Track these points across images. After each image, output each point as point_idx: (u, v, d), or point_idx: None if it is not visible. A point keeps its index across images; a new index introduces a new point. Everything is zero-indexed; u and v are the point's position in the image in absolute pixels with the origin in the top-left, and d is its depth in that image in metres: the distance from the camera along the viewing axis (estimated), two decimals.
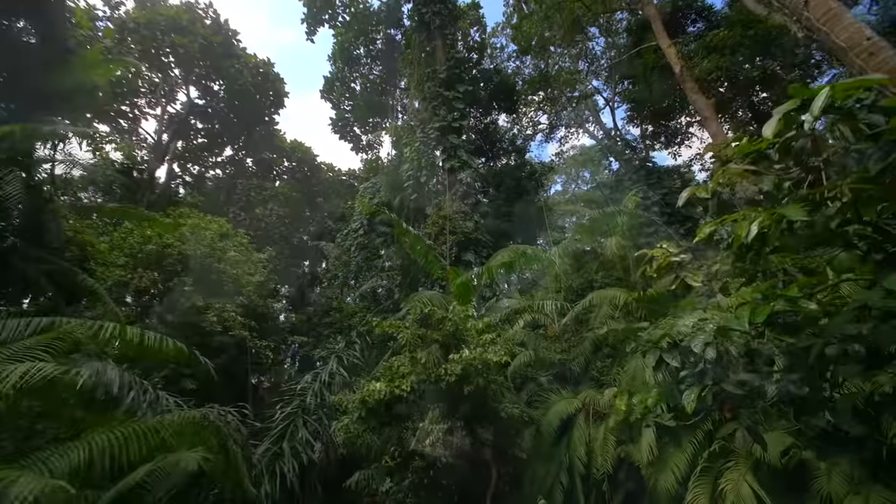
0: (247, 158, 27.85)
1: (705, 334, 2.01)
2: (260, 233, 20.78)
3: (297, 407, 8.77)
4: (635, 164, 15.70)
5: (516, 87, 25.58)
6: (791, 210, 1.85)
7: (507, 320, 8.73)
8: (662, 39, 12.76)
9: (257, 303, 14.70)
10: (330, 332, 16.01)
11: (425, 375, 5.38)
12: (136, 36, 20.39)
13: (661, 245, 3.32)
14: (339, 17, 24.29)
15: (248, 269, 14.74)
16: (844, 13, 3.81)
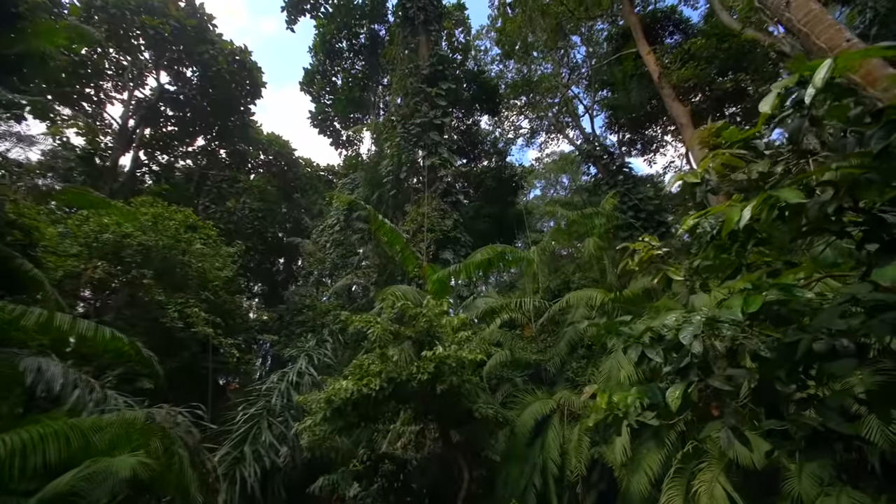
0: (220, 149, 26.74)
1: (693, 325, 1.86)
2: (231, 226, 19.90)
3: (262, 408, 8.30)
4: (612, 169, 15.95)
5: (499, 91, 25.68)
6: (787, 192, 1.72)
7: (484, 319, 8.58)
8: (642, 46, 13.01)
9: (224, 298, 14.03)
10: (302, 330, 15.46)
11: (396, 373, 5.12)
12: (103, 15, 19.24)
13: (642, 238, 3.20)
14: (321, 7, 23.72)
15: (216, 263, 14.04)
16: (825, 15, 3.83)
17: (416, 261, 8.44)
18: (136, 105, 23.48)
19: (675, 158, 24.67)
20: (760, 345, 2.16)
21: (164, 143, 25.35)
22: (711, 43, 16.07)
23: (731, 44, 15.74)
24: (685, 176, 2.38)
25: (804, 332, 2.10)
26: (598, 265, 9.12)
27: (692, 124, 11.28)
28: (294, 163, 27.49)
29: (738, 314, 1.70)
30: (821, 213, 1.88)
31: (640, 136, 21.80)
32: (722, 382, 1.88)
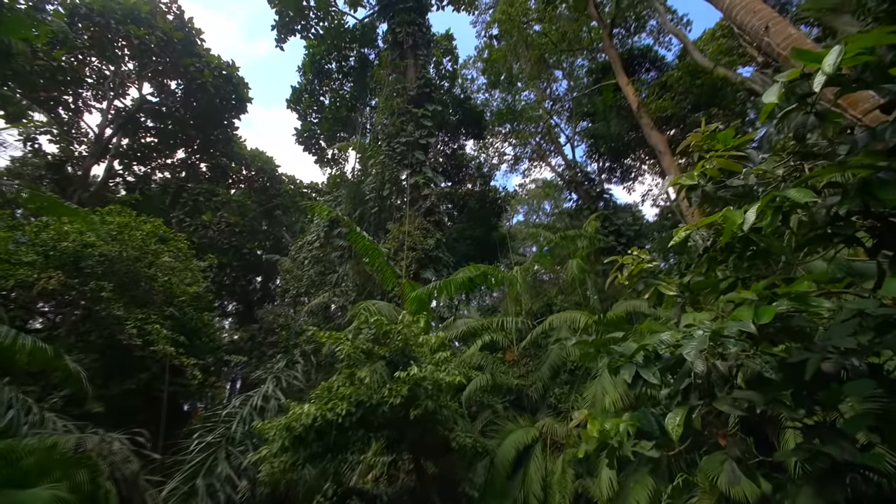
0: (200, 162, 26.18)
1: (697, 340, 1.64)
2: (206, 241, 19.17)
3: (221, 436, 7.59)
4: (594, 195, 16.20)
5: (484, 117, 26.27)
6: (796, 192, 1.56)
7: (465, 341, 8.23)
8: (621, 78, 13.51)
9: (191, 315, 13.23)
10: (274, 351, 14.68)
11: (366, 397, 4.69)
12: (86, 22, 18.94)
13: (632, 252, 3.03)
14: (311, 29, 24.03)
15: (184, 278, 13.32)
16: (804, 38, 3.90)
17: (394, 277, 8.12)
18: (115, 114, 22.91)
19: (652, 187, 25.44)
20: (764, 365, 1.95)
21: (142, 153, 24.66)
22: (686, 79, 16.92)
23: (703, 81, 16.59)
24: (680, 178, 2.21)
25: (809, 351, 1.91)
26: (580, 288, 8.99)
27: (670, 152, 11.60)
28: (277, 179, 27.09)
29: (751, 325, 1.49)
30: (829, 217, 1.72)
31: (619, 164, 22.48)
32: (730, 406, 1.64)
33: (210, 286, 15.55)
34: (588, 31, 21.63)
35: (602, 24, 16.75)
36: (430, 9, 23.19)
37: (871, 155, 1.58)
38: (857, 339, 1.85)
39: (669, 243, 2.72)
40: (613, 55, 15.08)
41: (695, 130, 2.33)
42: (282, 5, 22.92)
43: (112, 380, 12.00)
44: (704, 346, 1.61)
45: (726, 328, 1.63)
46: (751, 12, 4.55)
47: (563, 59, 23.53)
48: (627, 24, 22.62)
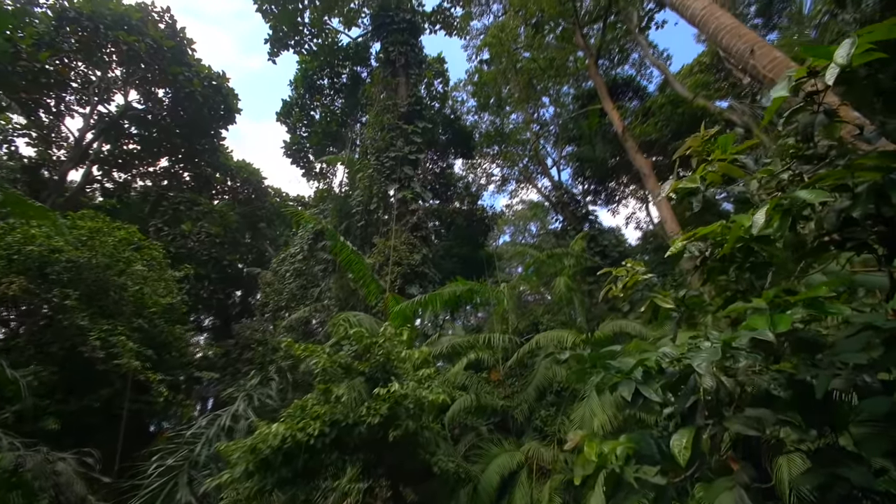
0: (184, 172, 25.67)
1: (708, 351, 1.48)
2: (183, 251, 18.53)
3: (183, 459, 7.04)
4: (580, 215, 16.40)
5: (473, 138, 26.67)
6: (809, 193, 1.45)
7: (450, 359, 7.95)
8: (607, 103, 13.90)
9: (161, 328, 12.58)
10: (249, 368, 14.02)
11: (342, 416, 4.36)
12: (74, 26, 18.68)
13: (626, 263, 2.91)
14: (305, 44, 24.25)
15: (157, 288, 12.73)
16: (789, 61, 3.98)
17: (379, 291, 7.86)
18: (98, 120, 22.41)
19: (636, 210, 26.00)
20: (772, 382, 1.81)
21: (124, 160, 24.07)
22: (667, 108, 17.60)
23: (684, 109, 17.27)
24: (680, 183, 2.12)
25: (816, 367, 1.78)
26: (567, 307, 8.89)
27: (654, 175, 11.85)
28: (262, 191, 26.70)
29: (769, 334, 1.34)
30: (839, 221, 1.62)
31: (604, 187, 22.97)
32: (743, 426, 1.48)
33: (185, 298, 14.92)
34: (574, 61, 22.44)
35: (588, 52, 17.36)
36: (422, 31, 23.76)
37: (883, 156, 1.49)
38: (868, 355, 1.74)
39: (666, 255, 2.61)
40: (599, 81, 15.58)
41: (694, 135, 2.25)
42: (276, 20, 23.14)
43: (72, 395, 11.23)
44: (717, 356, 1.46)
45: (737, 338, 1.48)
46: (736, 36, 4.67)
47: (550, 85, 24.25)
48: (611, 56, 23.59)
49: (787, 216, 1.58)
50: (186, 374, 14.90)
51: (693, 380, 1.70)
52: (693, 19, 5.44)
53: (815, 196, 1.43)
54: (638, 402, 1.87)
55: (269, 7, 22.65)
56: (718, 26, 4.96)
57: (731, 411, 1.82)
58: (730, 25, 4.84)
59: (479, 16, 24.63)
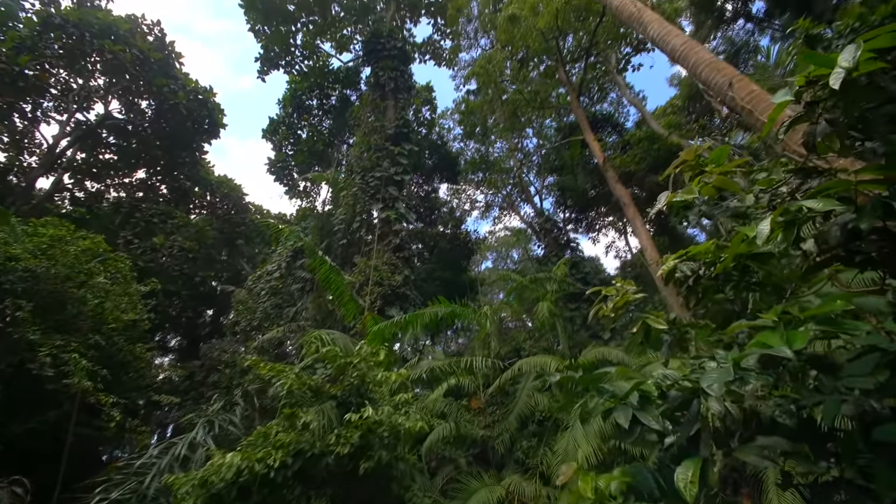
0: (161, 185, 24.97)
1: (719, 372, 1.34)
2: (153, 265, 17.69)
3: (131, 492, 6.35)
4: (562, 242, 16.59)
5: (459, 164, 27.12)
6: (816, 201, 1.37)
7: (429, 384, 7.60)
8: (588, 134, 14.38)
9: (120, 346, 11.75)
10: (214, 392, 13.16)
11: (308, 445, 3.96)
12: (59, 32, 18.36)
13: (615, 282, 2.80)
14: (296, 65, 24.54)
15: (120, 303, 11.97)
16: (765, 94, 4.12)
17: (357, 310, 7.53)
18: (75, 127, 21.76)
19: (615, 239, 26.61)
20: (776, 408, 1.67)
21: (98, 170, 23.27)
22: (644, 143, 18.41)
23: (659, 146, 18.08)
24: (676, 195, 2.04)
25: (819, 392, 1.66)
26: (550, 332, 8.74)
27: (633, 204, 12.14)
28: (243, 207, 26.11)
29: (787, 351, 1.21)
30: (843, 235, 1.54)
31: (584, 216, 23.49)
32: (757, 457, 1.32)
33: (151, 316, 14.08)
34: (556, 97, 23.44)
35: (570, 88, 18.11)
36: (412, 60, 24.47)
37: (887, 167, 1.43)
38: (875, 379, 1.63)
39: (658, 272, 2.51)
40: (580, 114, 16.17)
41: (687, 149, 2.20)
42: (268, 41, 23.44)
43: (17, 416, 10.23)
44: (729, 377, 1.31)
45: (746, 357, 1.35)
46: (715, 70, 4.85)
47: (533, 117, 25.12)
48: (591, 94, 24.79)
49: (792, 228, 1.49)
50: (145, 398, 13.86)
51: (696, 405, 1.55)
52: (673, 53, 5.67)
53: (824, 204, 1.35)
54: (636, 430, 1.70)
55: (261, 28, 22.99)
56: (698, 60, 5.16)
57: (735, 441, 1.67)
58: (708, 60, 5.04)
59: (468, 49, 25.60)
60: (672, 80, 28.08)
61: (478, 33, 24.37)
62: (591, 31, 17.58)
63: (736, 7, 18.99)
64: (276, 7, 22.24)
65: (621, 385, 1.96)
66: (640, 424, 1.71)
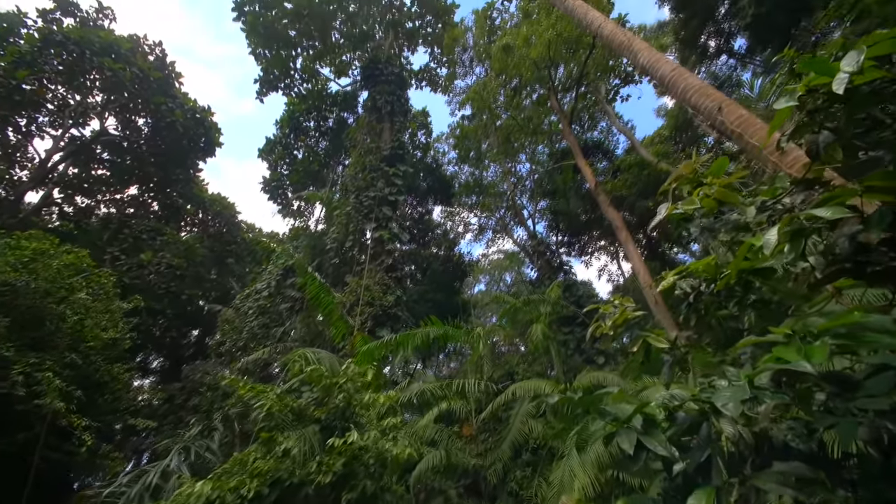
0: (153, 201, 24.78)
1: (733, 390, 1.23)
2: (139, 282, 17.28)
3: None
4: (555, 265, 16.60)
5: (453, 188, 27.41)
6: (826, 209, 1.31)
7: (419, 408, 7.31)
8: (580, 159, 14.66)
9: (98, 366, 11.27)
10: (194, 416, 12.60)
11: (287, 473, 3.68)
12: (59, 49, 18.57)
13: (614, 299, 2.71)
14: (295, 88, 24.99)
15: (101, 320, 11.57)
16: (753, 118, 4.20)
17: (346, 329, 7.30)
18: (69, 142, 21.70)
19: (607, 263, 26.75)
20: (789, 431, 1.56)
21: (90, 185, 23.08)
22: (634, 169, 18.83)
23: (649, 172, 18.49)
24: (674, 208, 1.98)
25: (831, 414, 1.55)
26: (544, 356, 8.55)
27: (625, 227, 12.25)
28: (235, 226, 25.89)
29: (807, 365, 1.12)
30: (853, 246, 1.48)
31: (577, 240, 23.65)
32: (778, 484, 1.20)
33: (133, 336, 13.61)
34: (549, 124, 24.10)
35: (562, 115, 18.61)
36: (409, 86, 25.10)
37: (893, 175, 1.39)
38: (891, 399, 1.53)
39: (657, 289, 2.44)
40: (572, 140, 16.55)
41: (686, 162, 2.17)
42: (268, 64, 23.93)
43: None
44: (745, 395, 1.20)
45: (760, 374, 1.25)
46: (704, 95, 4.96)
47: (526, 142, 25.69)
48: (582, 122, 25.53)
49: (799, 238, 1.43)
50: (121, 422, 13.21)
51: (706, 429, 1.44)
52: (663, 80, 5.82)
53: (833, 212, 1.29)
54: (641, 456, 1.57)
55: (262, 51, 23.51)
56: (687, 86, 5.29)
57: (747, 467, 1.54)
58: (698, 85, 5.17)
59: (463, 76, 26.36)
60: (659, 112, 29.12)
61: (473, 62, 25.19)
62: (582, 62, 18.25)
63: (719, 43, 19.92)
64: (277, 32, 22.84)
65: (623, 408, 1.84)
66: (645, 450, 1.58)
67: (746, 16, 16.47)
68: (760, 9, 16.12)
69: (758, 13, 16.18)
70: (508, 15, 22.52)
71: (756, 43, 17.92)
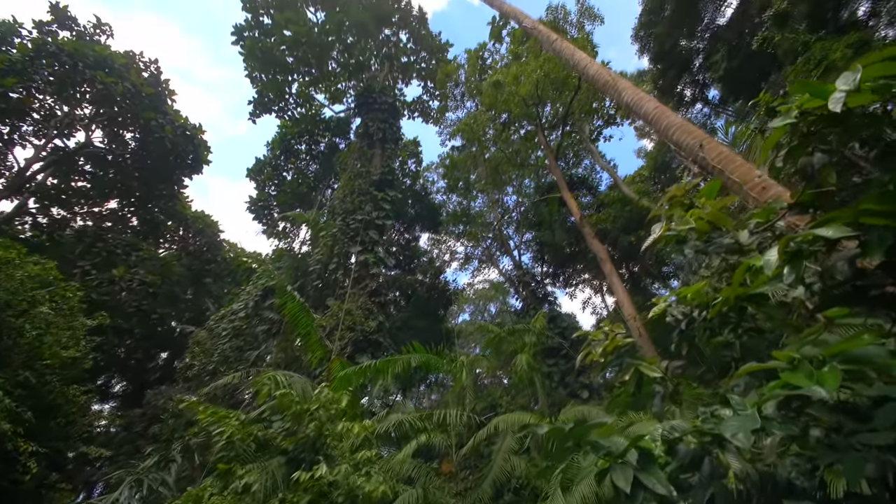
0: (133, 216, 24.12)
1: (741, 419, 1.13)
2: (108, 299, 16.48)
3: None
4: (540, 296, 16.58)
5: (440, 216, 27.63)
6: (829, 228, 1.27)
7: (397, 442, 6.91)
8: (565, 192, 15.01)
9: (52, 386, 10.46)
10: (153, 446, 11.68)
11: None
12: (51, 60, 18.47)
13: (603, 326, 2.62)
14: (288, 111, 25.30)
15: (61, 337, 10.87)
16: (734, 155, 4.33)
17: (324, 354, 6.95)
18: (51, 152, 21.21)
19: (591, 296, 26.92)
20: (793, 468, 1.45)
21: (68, 197, 22.41)
22: (617, 205, 19.39)
23: (631, 208, 19.05)
24: (667, 229, 1.94)
25: (833, 450, 1.45)
26: (528, 388, 8.31)
27: (610, 260, 12.38)
28: (216, 245, 25.25)
29: (821, 391, 1.02)
30: (851, 270, 1.44)
31: (562, 271, 23.84)
32: None
33: (96, 356, 12.78)
34: (535, 160, 24.88)
35: (549, 150, 19.25)
36: (402, 115, 25.73)
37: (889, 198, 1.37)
38: None
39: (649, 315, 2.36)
40: (558, 174, 17.01)
41: (676, 185, 2.15)
42: (264, 87, 24.30)
43: None
44: (756, 424, 1.10)
45: (767, 402, 1.15)
46: (686, 132, 5.14)
47: (514, 175, 26.34)
48: (567, 159, 26.45)
49: (799, 259, 1.38)
50: (74, 450, 12.16)
51: (708, 464, 1.31)
52: (646, 117, 6.04)
53: (834, 231, 1.24)
54: (638, 495, 1.42)
55: (258, 75, 23.92)
56: (669, 123, 5.49)
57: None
58: (679, 123, 5.36)
59: (454, 109, 27.21)
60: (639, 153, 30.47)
61: (464, 96, 26.09)
62: (567, 102, 19.09)
63: (694, 93, 21.20)
64: (274, 58, 23.35)
65: (617, 441, 1.70)
66: (642, 489, 1.43)
67: (719, 69, 17.64)
68: (732, 63, 17.31)
69: (730, 67, 17.36)
70: (499, 56, 23.67)
71: (728, 94, 19.12)
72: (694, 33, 19.00)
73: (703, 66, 19.58)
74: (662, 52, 19.14)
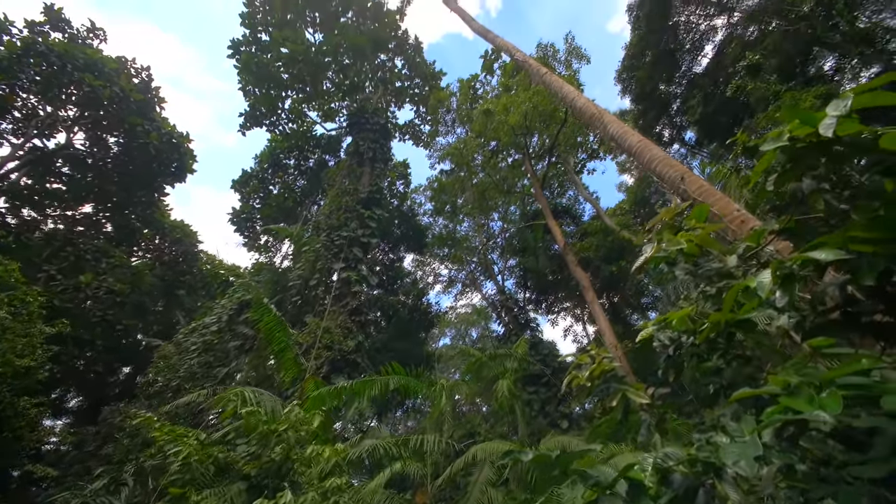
0: (108, 222, 23.26)
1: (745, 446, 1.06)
2: (70, 306, 15.61)
3: None
4: (522, 322, 16.52)
5: (426, 238, 27.66)
6: (822, 251, 1.26)
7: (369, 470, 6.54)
8: (550, 220, 15.27)
9: (2, 397, 9.67)
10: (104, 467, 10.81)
11: None
12: (39, 59, 18.14)
13: (590, 349, 2.56)
14: (279, 126, 25.33)
15: (17, 345, 10.15)
16: (713, 189, 4.47)
17: (298, 372, 6.63)
18: (28, 152, 20.52)
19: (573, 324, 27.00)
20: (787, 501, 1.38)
21: (40, 198, 21.54)
22: (599, 235, 19.84)
23: (613, 238, 19.50)
24: (658, 250, 1.92)
25: (825, 483, 1.40)
26: (509, 416, 8.10)
27: (592, 288, 12.50)
28: (193, 256, 24.44)
29: (824, 415, 0.97)
30: (842, 295, 1.43)
31: (545, 298, 23.95)
32: None
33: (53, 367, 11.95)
34: (521, 187, 25.44)
35: (535, 178, 19.70)
36: (393, 137, 26.08)
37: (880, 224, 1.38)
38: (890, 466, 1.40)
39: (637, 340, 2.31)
40: (544, 202, 17.36)
41: (666, 208, 2.16)
42: (256, 101, 24.36)
43: None
44: (758, 451, 1.03)
45: (765, 428, 1.10)
46: (668, 165, 5.31)
47: (500, 201, 26.77)
48: (552, 189, 27.15)
49: (791, 282, 1.36)
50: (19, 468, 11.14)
51: (703, 496, 1.24)
52: (630, 149, 6.23)
53: (827, 254, 1.23)
54: None
55: (252, 88, 24.03)
56: (652, 157, 5.67)
57: None
58: (661, 156, 5.54)
59: (445, 134, 27.79)
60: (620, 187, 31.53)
61: (455, 123, 26.72)
62: (554, 135, 19.74)
63: (672, 133, 22.30)
64: (269, 73, 23.56)
65: (605, 471, 1.61)
66: None
67: (695, 113, 18.66)
68: (707, 108, 18.36)
69: (705, 112, 18.40)
70: (490, 87, 24.51)
71: (703, 136, 20.16)
72: (672, 79, 20.15)
73: (681, 110, 20.70)
74: (643, 93, 20.15)
